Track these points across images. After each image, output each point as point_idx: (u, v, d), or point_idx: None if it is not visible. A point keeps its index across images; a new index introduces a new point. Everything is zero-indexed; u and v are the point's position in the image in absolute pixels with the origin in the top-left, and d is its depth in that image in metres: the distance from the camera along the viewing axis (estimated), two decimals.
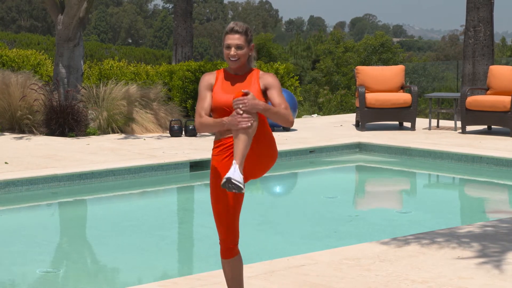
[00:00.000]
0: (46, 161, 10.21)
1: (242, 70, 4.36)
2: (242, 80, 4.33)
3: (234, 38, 4.29)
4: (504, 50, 42.39)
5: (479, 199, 10.08)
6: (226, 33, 4.32)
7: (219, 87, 4.32)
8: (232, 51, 4.28)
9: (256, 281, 5.34)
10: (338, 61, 36.87)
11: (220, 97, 4.28)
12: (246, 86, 4.31)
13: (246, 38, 4.31)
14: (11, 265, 6.62)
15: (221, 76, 4.37)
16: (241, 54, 4.29)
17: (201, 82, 4.37)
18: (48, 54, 21.24)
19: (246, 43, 4.31)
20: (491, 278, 5.42)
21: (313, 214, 8.59)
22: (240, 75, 4.36)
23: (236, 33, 4.29)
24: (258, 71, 4.37)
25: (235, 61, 4.29)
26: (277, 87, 4.30)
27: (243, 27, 4.32)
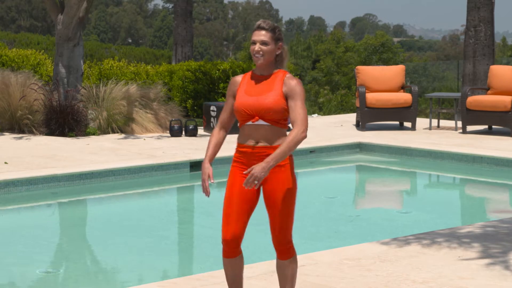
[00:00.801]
0: (46, 161, 10.20)
1: (268, 70, 4.32)
2: (266, 82, 4.29)
3: (260, 34, 4.27)
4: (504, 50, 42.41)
5: (479, 199, 10.07)
6: (253, 30, 4.32)
7: (243, 89, 4.32)
8: (256, 46, 4.26)
9: (256, 281, 5.33)
10: (338, 61, 36.88)
11: (241, 99, 4.28)
12: (267, 89, 4.26)
13: (273, 36, 4.27)
14: (11, 265, 6.61)
15: (247, 77, 4.35)
16: (266, 50, 4.25)
17: (228, 86, 4.42)
18: (48, 54, 21.24)
19: (273, 40, 4.27)
20: (491, 278, 5.41)
21: (314, 214, 8.58)
22: (265, 75, 4.32)
23: (262, 30, 4.28)
24: (284, 73, 4.31)
25: (259, 57, 4.27)
26: (298, 97, 4.22)
27: (271, 24, 4.30)
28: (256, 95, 4.26)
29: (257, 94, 4.26)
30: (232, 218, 4.32)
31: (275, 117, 4.23)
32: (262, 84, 4.29)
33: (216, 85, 15.70)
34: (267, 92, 4.25)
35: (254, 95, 4.26)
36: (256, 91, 4.27)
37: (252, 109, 4.23)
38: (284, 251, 4.38)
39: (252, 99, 4.25)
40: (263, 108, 4.22)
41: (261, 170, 4.11)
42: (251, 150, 4.28)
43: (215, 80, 15.70)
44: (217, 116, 13.18)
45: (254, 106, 4.24)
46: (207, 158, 4.37)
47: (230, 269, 4.43)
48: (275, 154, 4.13)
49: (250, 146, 4.29)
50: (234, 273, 4.43)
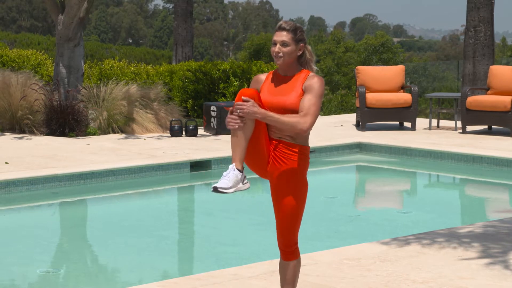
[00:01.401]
0: (46, 161, 10.20)
1: (291, 71, 4.29)
2: (287, 82, 4.27)
3: (280, 35, 4.25)
4: (504, 50, 42.41)
5: (479, 199, 10.07)
6: (275, 30, 4.30)
7: (266, 88, 4.31)
8: (276, 47, 4.24)
9: (256, 281, 5.34)
10: (338, 61, 36.89)
11: (265, 97, 4.27)
12: (289, 89, 4.24)
13: (294, 37, 4.24)
14: (12, 265, 6.62)
15: (271, 76, 4.35)
16: (286, 51, 4.23)
17: (251, 83, 4.40)
18: (48, 54, 21.26)
19: (294, 41, 4.24)
20: (491, 278, 5.42)
21: (314, 214, 8.58)
22: (288, 76, 4.30)
23: (283, 30, 4.25)
24: (307, 72, 4.28)
25: (279, 58, 4.25)
26: (314, 92, 4.17)
27: (292, 25, 4.27)
28: (278, 94, 4.24)
29: (280, 94, 4.24)
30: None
31: None
32: (284, 84, 4.27)
33: (216, 85, 15.71)
34: (289, 92, 4.23)
35: (277, 94, 4.25)
36: (279, 91, 4.26)
37: (274, 108, 4.21)
38: (289, 253, 4.37)
39: (274, 99, 4.23)
40: (284, 108, 4.20)
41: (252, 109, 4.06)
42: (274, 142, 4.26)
43: (215, 80, 15.71)
44: (217, 116, 13.18)
45: (276, 105, 4.22)
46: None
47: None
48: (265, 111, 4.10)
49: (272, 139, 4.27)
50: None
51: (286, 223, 4.31)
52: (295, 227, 4.34)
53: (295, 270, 4.41)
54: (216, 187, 4.07)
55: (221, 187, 4.06)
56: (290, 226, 4.32)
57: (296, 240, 4.37)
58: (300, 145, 4.25)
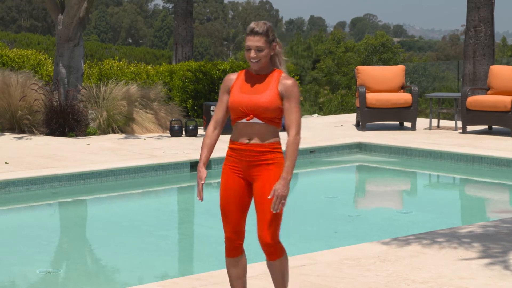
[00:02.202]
0: (46, 161, 10.20)
1: (263, 70, 4.32)
2: (261, 81, 4.29)
3: (254, 40, 4.25)
4: (504, 50, 42.40)
5: (479, 199, 10.07)
6: (247, 34, 4.30)
7: (238, 87, 4.31)
8: (252, 53, 4.25)
9: (256, 281, 5.34)
10: (338, 61, 36.87)
11: (236, 97, 4.28)
12: (263, 88, 4.26)
13: (267, 39, 4.26)
14: (12, 265, 6.62)
15: (242, 76, 4.35)
16: (262, 55, 4.25)
17: (222, 83, 4.41)
18: (48, 54, 21.24)
19: (267, 43, 4.26)
20: (491, 278, 5.42)
21: (314, 214, 8.58)
22: (261, 75, 4.32)
23: (256, 35, 4.25)
24: (280, 72, 4.31)
25: (255, 63, 4.27)
26: (293, 98, 4.24)
27: (264, 27, 4.27)
28: (251, 93, 4.26)
29: (253, 92, 4.26)
30: (230, 218, 4.34)
31: (269, 115, 4.25)
32: (257, 83, 4.30)
33: (216, 85, 15.71)
34: (262, 91, 4.25)
35: (250, 93, 4.26)
36: (252, 90, 4.28)
37: (247, 107, 4.24)
38: (272, 252, 4.36)
39: (248, 97, 4.25)
40: (258, 106, 4.23)
41: (283, 188, 4.18)
42: (243, 147, 4.29)
43: (215, 80, 15.71)
44: None
45: (249, 104, 4.24)
46: (202, 161, 4.39)
47: (232, 269, 4.42)
48: (287, 168, 4.19)
49: (243, 144, 4.29)
50: (237, 273, 4.43)
51: (271, 220, 4.31)
52: (279, 224, 4.35)
53: (283, 268, 4.41)
54: None
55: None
56: (275, 223, 4.32)
57: (278, 238, 4.37)
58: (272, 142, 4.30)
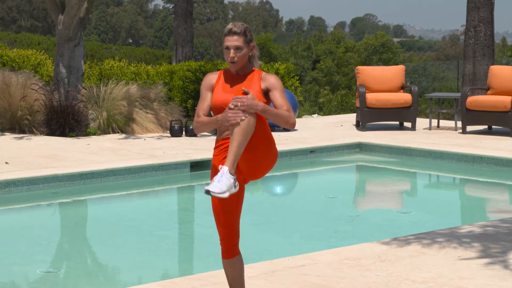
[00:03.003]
0: (46, 161, 10.21)
1: (243, 70, 4.34)
2: (243, 80, 4.31)
3: (232, 39, 4.26)
4: (504, 50, 42.42)
5: (479, 199, 10.07)
6: (225, 34, 4.30)
7: (220, 87, 4.32)
8: (231, 53, 4.26)
9: (257, 281, 5.34)
10: (338, 61, 36.88)
11: (220, 96, 4.27)
12: (246, 86, 4.28)
13: (245, 39, 4.28)
14: (12, 264, 6.62)
15: (223, 76, 4.36)
16: (240, 55, 4.27)
17: (202, 82, 4.39)
18: (48, 54, 21.26)
19: (246, 43, 4.28)
20: (491, 278, 5.42)
21: (314, 214, 8.59)
22: (241, 75, 4.34)
23: (234, 35, 4.26)
24: (260, 72, 4.34)
25: (234, 63, 4.28)
26: (280, 89, 4.27)
27: (242, 27, 4.29)
28: (235, 92, 4.26)
29: (236, 92, 4.26)
30: (223, 219, 4.33)
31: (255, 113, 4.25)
32: (239, 83, 4.30)
33: None
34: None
35: (233, 92, 4.26)
36: (234, 89, 4.28)
37: None
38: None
39: (231, 96, 4.24)
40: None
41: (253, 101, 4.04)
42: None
43: None
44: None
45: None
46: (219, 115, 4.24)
47: (230, 270, 4.43)
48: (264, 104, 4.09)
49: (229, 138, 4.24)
50: (234, 274, 4.44)
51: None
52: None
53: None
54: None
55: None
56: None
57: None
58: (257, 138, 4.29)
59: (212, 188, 4.00)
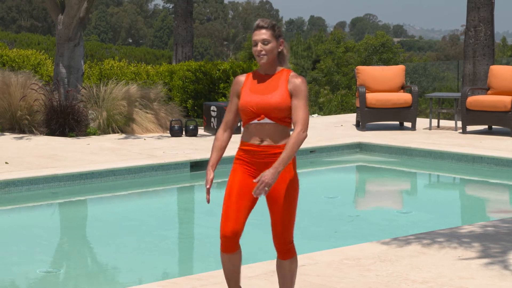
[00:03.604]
0: (46, 161, 10.20)
1: (272, 69, 4.32)
2: (271, 81, 4.29)
3: (260, 33, 4.26)
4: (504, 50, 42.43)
5: (479, 199, 10.07)
6: (253, 30, 4.31)
7: (247, 88, 4.31)
8: (258, 46, 4.25)
9: (256, 281, 5.34)
10: (338, 61, 36.88)
11: (246, 97, 4.28)
12: (272, 87, 4.26)
13: (273, 33, 4.27)
14: (12, 264, 6.62)
15: (251, 77, 4.35)
16: (268, 49, 4.25)
17: (232, 86, 4.41)
18: (48, 54, 21.25)
19: (274, 38, 4.27)
20: (491, 278, 5.42)
21: (314, 214, 8.58)
22: (269, 74, 4.32)
23: (262, 29, 4.27)
24: (289, 71, 4.31)
25: (262, 57, 4.26)
26: (302, 97, 4.23)
27: (269, 22, 4.30)
28: (261, 93, 4.26)
29: (263, 92, 4.26)
30: (231, 214, 4.32)
31: (280, 115, 4.24)
32: (267, 83, 4.29)
33: (216, 85, 15.71)
34: (272, 91, 4.25)
35: (260, 93, 4.26)
36: (261, 90, 4.27)
37: (258, 107, 4.24)
38: (285, 251, 4.38)
39: (258, 98, 4.24)
40: (269, 106, 4.22)
41: (271, 176, 4.11)
42: (255, 149, 4.28)
43: (215, 80, 15.71)
44: (217, 116, 13.19)
45: (260, 104, 4.24)
46: (210, 164, 4.40)
47: (228, 264, 4.42)
48: (281, 159, 4.14)
49: (255, 145, 4.28)
50: (232, 268, 4.43)
51: (283, 221, 4.33)
52: (292, 225, 4.37)
53: (293, 268, 4.42)
54: None
55: None
56: (287, 224, 4.34)
57: (292, 238, 4.39)
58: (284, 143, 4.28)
59: None
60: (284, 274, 4.42)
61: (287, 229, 4.34)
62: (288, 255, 4.38)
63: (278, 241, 4.36)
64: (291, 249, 4.39)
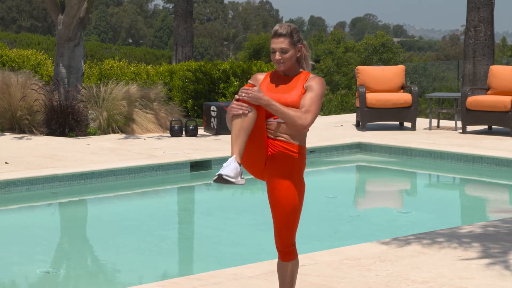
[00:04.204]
0: (46, 161, 10.20)
1: (292, 72, 4.31)
2: (288, 82, 4.28)
3: (278, 42, 4.24)
4: (504, 50, 42.44)
5: (479, 199, 10.07)
6: (271, 36, 4.28)
7: (265, 86, 4.30)
8: (276, 55, 4.24)
9: (257, 281, 5.34)
10: (338, 61, 36.89)
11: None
12: (290, 87, 4.26)
13: (291, 41, 4.24)
14: (12, 264, 6.62)
15: (271, 75, 4.35)
16: (287, 57, 4.24)
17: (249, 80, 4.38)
18: (48, 54, 21.26)
19: (292, 45, 4.24)
20: (491, 278, 5.42)
21: (314, 214, 8.58)
22: (288, 76, 4.31)
23: (280, 37, 4.24)
24: (308, 74, 4.30)
25: (281, 64, 4.25)
26: (315, 91, 4.20)
27: (288, 29, 4.25)
28: (279, 92, 4.25)
29: (280, 91, 4.25)
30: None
31: None
32: (285, 84, 4.29)
33: (216, 85, 15.71)
34: (290, 91, 4.24)
35: (278, 92, 4.25)
36: (279, 89, 4.26)
37: None
38: (287, 253, 4.37)
39: (276, 96, 4.22)
40: (286, 105, 4.20)
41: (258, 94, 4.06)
42: (271, 141, 4.25)
43: (216, 80, 15.71)
44: (217, 116, 13.19)
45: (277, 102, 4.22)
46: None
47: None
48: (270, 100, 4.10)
49: (270, 138, 4.25)
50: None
51: (284, 224, 4.30)
52: (294, 228, 4.33)
53: (293, 270, 4.41)
54: (221, 175, 3.99)
55: (226, 175, 3.99)
56: (289, 227, 4.31)
57: (294, 241, 4.37)
58: (298, 144, 4.24)
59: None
60: (285, 276, 4.42)
61: (290, 233, 4.33)
62: (290, 257, 4.38)
63: (280, 243, 4.36)
64: (293, 251, 4.38)
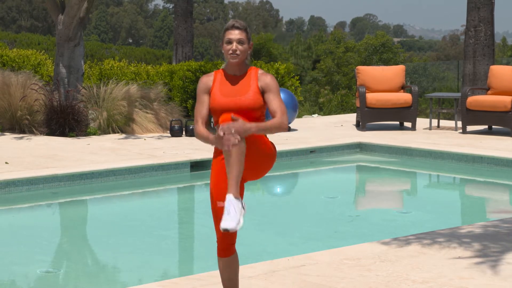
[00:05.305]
0: (46, 161, 10.20)
1: (241, 69, 4.37)
2: (241, 81, 4.33)
3: (235, 33, 4.32)
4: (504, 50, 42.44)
5: (479, 199, 10.07)
6: (226, 29, 4.35)
7: (217, 88, 4.33)
8: (234, 45, 4.30)
9: (257, 281, 5.34)
10: (338, 61, 36.88)
11: (218, 99, 4.30)
12: (243, 88, 4.29)
13: (247, 35, 4.35)
14: (12, 264, 6.62)
15: (219, 77, 4.37)
16: (242, 49, 4.32)
17: (198, 85, 4.40)
18: (48, 54, 21.24)
19: (247, 40, 4.35)
20: (491, 278, 5.42)
21: (314, 214, 8.59)
22: (237, 75, 4.36)
23: (237, 29, 4.33)
24: (257, 69, 4.37)
25: (236, 56, 4.30)
26: (275, 90, 4.30)
27: (243, 24, 4.38)
28: (233, 95, 4.29)
29: (235, 94, 4.29)
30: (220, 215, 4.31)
31: (254, 114, 4.27)
32: (237, 84, 4.33)
33: None
34: (245, 92, 4.29)
35: (232, 95, 4.29)
36: (233, 92, 4.30)
37: (231, 108, 4.25)
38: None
39: (230, 100, 4.26)
40: (243, 107, 4.25)
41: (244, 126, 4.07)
42: None
43: None
44: None
45: (233, 106, 4.26)
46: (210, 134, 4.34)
47: (225, 270, 4.43)
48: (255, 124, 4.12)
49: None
50: (229, 273, 4.43)
51: None
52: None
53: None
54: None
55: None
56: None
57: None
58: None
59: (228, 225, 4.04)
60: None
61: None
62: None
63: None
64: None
